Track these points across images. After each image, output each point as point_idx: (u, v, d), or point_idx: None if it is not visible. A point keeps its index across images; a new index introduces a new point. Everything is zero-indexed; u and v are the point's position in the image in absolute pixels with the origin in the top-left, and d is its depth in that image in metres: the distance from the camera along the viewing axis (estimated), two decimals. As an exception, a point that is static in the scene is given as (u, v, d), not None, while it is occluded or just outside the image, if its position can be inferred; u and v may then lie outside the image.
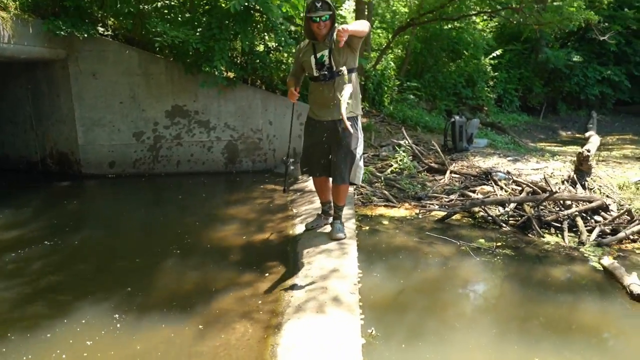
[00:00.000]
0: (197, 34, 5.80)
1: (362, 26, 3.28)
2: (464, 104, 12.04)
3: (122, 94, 6.63)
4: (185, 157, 6.98)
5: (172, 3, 6.46)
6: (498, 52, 12.93)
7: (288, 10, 5.37)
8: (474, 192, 5.21)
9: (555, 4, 8.31)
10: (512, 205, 4.47)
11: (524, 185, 4.92)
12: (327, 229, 3.84)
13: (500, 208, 4.61)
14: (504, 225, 4.27)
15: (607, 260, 3.37)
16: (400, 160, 6.40)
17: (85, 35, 5.90)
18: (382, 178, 5.92)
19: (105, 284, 3.37)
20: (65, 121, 6.73)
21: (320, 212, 4.06)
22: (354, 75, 3.45)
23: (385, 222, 4.55)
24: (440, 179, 5.87)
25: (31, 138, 7.11)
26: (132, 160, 6.86)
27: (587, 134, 9.63)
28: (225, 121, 6.93)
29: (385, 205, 5.08)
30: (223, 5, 6.13)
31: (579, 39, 14.41)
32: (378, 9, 11.97)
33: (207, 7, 6.50)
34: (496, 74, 13.04)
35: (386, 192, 5.35)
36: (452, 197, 5.14)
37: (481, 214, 4.53)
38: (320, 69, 3.40)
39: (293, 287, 2.99)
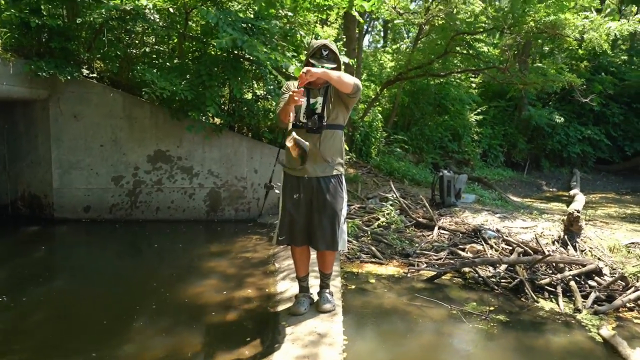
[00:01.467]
0: (185, 82, 5.76)
1: (345, 77, 2.99)
2: (450, 158, 12.19)
3: (104, 137, 6.49)
4: (165, 204, 6.77)
5: (161, 49, 6.46)
6: (482, 108, 13.31)
7: (277, 59, 5.38)
8: (463, 250, 5.09)
9: (535, 65, 8.63)
10: (504, 265, 4.34)
11: (515, 245, 4.83)
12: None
13: (491, 268, 4.48)
14: (495, 287, 4.13)
15: (607, 332, 3.23)
16: (388, 214, 6.29)
17: (69, 77, 5.81)
18: (369, 232, 5.78)
19: (67, 350, 3.07)
20: (41, 163, 6.52)
21: (298, 293, 3.46)
22: (341, 132, 3.33)
23: (373, 281, 4.36)
24: (428, 235, 5.75)
25: (2, 179, 6.84)
26: (108, 205, 6.62)
27: (572, 192, 9.75)
28: (209, 168, 6.80)
29: (372, 262, 4.90)
30: (212, 52, 6.15)
31: (559, 99, 14.96)
32: (367, 61, 12.32)
33: (196, 53, 6.53)
34: (481, 129, 13.34)
35: (373, 248, 5.19)
36: (441, 254, 5.01)
37: (472, 274, 4.38)
38: (310, 116, 3.15)
39: (274, 356, 2.75)
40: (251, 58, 6.25)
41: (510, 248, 4.89)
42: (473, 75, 15.25)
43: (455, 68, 9.71)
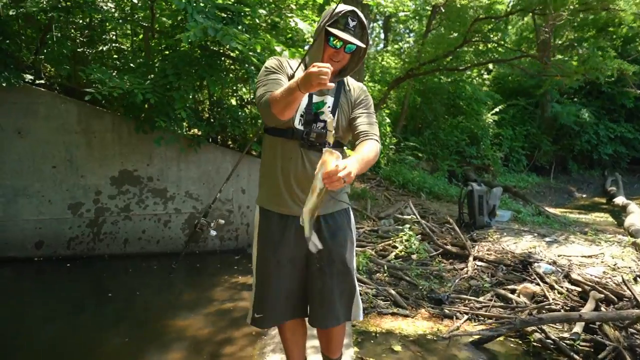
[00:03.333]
0: (148, 82, 4.64)
1: (373, 155, 1.98)
2: (469, 164, 10.98)
3: (56, 157, 5.36)
4: (136, 235, 5.63)
5: (122, 47, 5.34)
6: (500, 107, 12.12)
7: (264, 48, 4.27)
8: (513, 292, 3.90)
9: (581, 52, 7.40)
10: (582, 322, 3.15)
11: (587, 287, 3.63)
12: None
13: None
14: (575, 356, 2.93)
15: None
16: (407, 241, 5.12)
17: (4, 84, 4.71)
18: (385, 266, 4.61)
19: None
20: (-22, 191, 5.40)
21: None
22: (344, 152, 2.23)
23: (398, 348, 3.18)
24: (462, 269, 4.57)
25: None
26: (65, 239, 5.48)
27: (618, 201, 8.50)
28: (186, 189, 5.67)
29: (394, 314, 3.72)
30: (184, 48, 5.04)
31: (586, 94, 13.71)
32: (368, 63, 11.19)
33: (166, 52, 5.41)
34: (500, 130, 12.14)
35: (393, 292, 4.01)
36: (483, 299, 3.83)
37: (537, 334, 3.18)
38: (311, 122, 2.07)
39: None
40: (231, 54, 5.14)
41: (580, 290, 3.69)
42: (485, 71, 14.07)
43: (475, 60, 8.49)
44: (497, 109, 12.20)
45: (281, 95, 1.87)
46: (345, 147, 2.26)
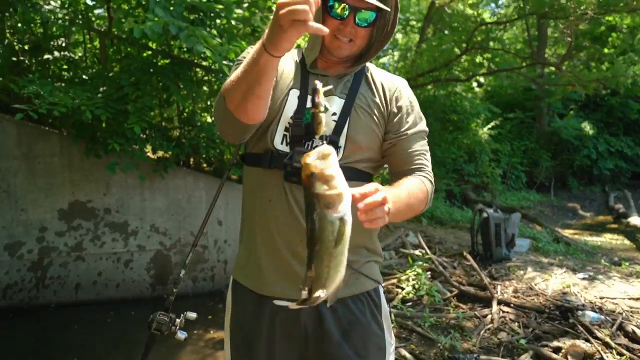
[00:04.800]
0: (100, 95, 3.83)
1: (422, 196, 1.30)
2: (467, 183, 10.32)
3: (-10, 187, 4.49)
4: (90, 278, 4.76)
5: (71, 55, 4.52)
6: (496, 122, 11.54)
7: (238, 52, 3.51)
8: (557, 350, 3.13)
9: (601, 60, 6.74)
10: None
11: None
12: None
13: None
14: None
15: None
16: (415, 280, 4.34)
17: None
18: (393, 315, 3.81)
19: None
20: None
21: None
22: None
23: None
24: (484, 316, 3.79)
25: None
26: (1, 286, 4.56)
27: (634, 221, 7.86)
28: (152, 222, 4.84)
29: (410, 386, 2.92)
30: (145, 55, 4.25)
31: (582, 106, 13.26)
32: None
33: (126, 61, 4.60)
34: (498, 146, 11.54)
35: (408, 355, 3.21)
36: (522, 362, 3.05)
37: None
38: (300, 139, 1.30)
39: None
40: (204, 63, 4.38)
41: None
42: (476, 83, 13.53)
43: (473, 70, 7.83)
44: (493, 123, 11.62)
45: (240, 73, 1.13)
46: (371, 176, 1.47)
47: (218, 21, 4.20)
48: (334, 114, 1.32)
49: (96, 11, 4.85)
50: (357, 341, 1.32)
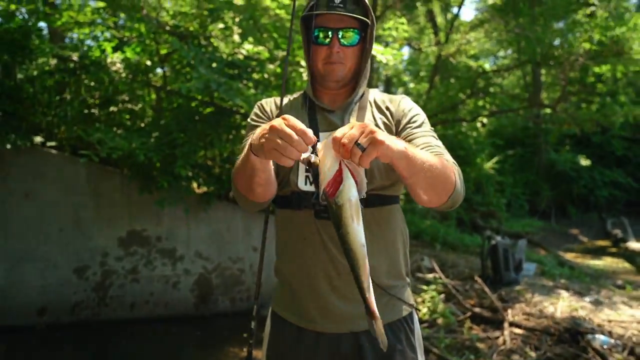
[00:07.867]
0: (153, 140, 3.83)
1: (436, 160, 1.06)
2: (475, 211, 9.91)
3: (63, 219, 4.51)
4: (143, 297, 4.66)
5: (131, 107, 4.60)
6: (497, 158, 11.19)
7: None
8: (569, 374, 2.79)
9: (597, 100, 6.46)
10: None
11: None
12: None
13: None
14: None
15: None
16: (431, 303, 4.05)
17: (8, 146, 3.95)
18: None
19: None
20: (-19, 256, 4.53)
21: None
22: (398, 208, 1.30)
23: None
24: (496, 338, 3.47)
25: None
26: (70, 304, 4.52)
27: (632, 245, 7.29)
28: (195, 249, 4.74)
29: (428, 409, 2.63)
30: (192, 105, 4.27)
31: (577, 142, 12.74)
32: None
33: (176, 111, 4.64)
34: (502, 178, 11.14)
35: (425, 376, 2.92)
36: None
37: None
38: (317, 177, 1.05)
39: None
40: (241, 111, 4.35)
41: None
42: (480, 124, 13.24)
43: (480, 111, 7.62)
44: (496, 158, 11.27)
45: (239, 164, 1.10)
46: (397, 206, 1.31)
47: (255, 75, 4.20)
48: None
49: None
50: None
